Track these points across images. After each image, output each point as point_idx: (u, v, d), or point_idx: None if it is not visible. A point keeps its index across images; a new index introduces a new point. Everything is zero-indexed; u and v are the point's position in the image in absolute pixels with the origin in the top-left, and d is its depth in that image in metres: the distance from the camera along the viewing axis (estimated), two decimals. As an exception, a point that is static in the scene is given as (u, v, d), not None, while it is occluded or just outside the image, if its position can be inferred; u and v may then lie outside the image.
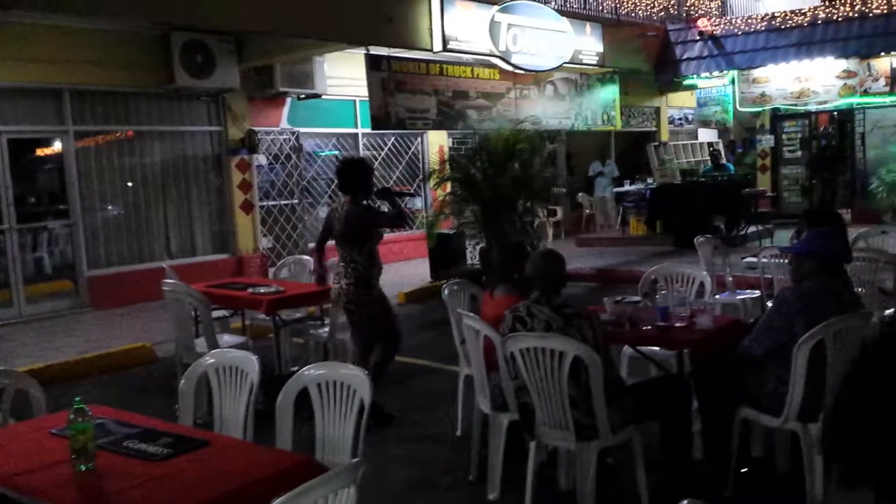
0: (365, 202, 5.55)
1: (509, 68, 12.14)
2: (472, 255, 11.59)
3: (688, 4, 15.93)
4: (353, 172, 5.55)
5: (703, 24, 15.23)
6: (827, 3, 14.19)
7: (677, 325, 4.24)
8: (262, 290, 6.13)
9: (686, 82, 15.94)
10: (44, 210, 10.65)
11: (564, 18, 12.88)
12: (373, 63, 10.80)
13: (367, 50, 10.90)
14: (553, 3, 13.20)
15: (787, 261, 4.98)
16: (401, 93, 11.07)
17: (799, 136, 17.70)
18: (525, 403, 3.68)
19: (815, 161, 17.43)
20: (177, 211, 11.81)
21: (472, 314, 4.19)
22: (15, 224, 10.01)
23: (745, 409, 3.86)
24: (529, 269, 3.82)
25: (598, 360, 3.45)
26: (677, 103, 19.89)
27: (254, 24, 10.03)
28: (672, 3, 15.92)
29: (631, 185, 15.21)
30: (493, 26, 11.63)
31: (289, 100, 12.81)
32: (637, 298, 4.85)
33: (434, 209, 11.01)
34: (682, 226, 12.33)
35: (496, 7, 11.69)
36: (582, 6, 13.86)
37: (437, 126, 12.05)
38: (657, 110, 20.09)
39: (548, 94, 13.64)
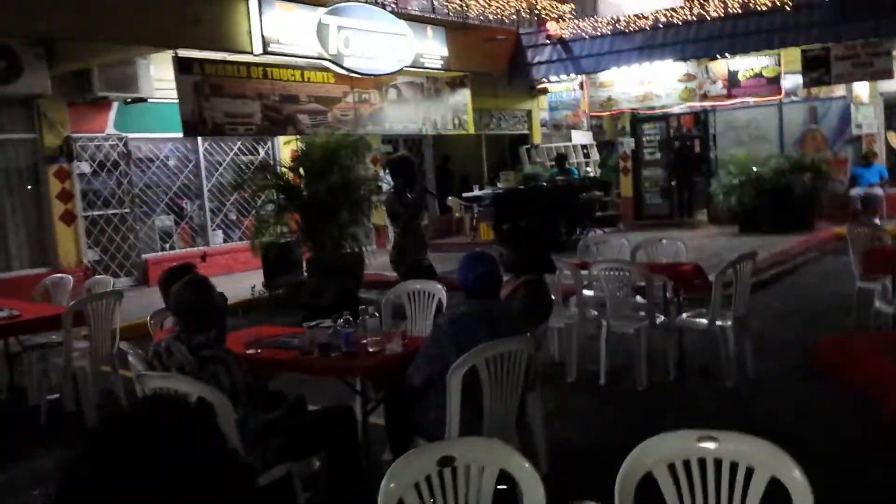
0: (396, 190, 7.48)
1: (343, 72, 11.85)
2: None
3: (539, 8, 15.98)
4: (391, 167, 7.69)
5: (552, 28, 15.30)
6: (668, 8, 14.43)
7: (371, 350, 4.04)
8: (-9, 316, 5.65)
9: (539, 87, 15.98)
10: None
11: (402, 21, 12.67)
12: (182, 66, 10.31)
13: (176, 53, 10.42)
14: (391, 7, 13.01)
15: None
16: (217, 97, 10.62)
17: (658, 138, 18.05)
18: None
19: (673, 163, 17.78)
20: (-13, 224, 11.07)
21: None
22: None
23: (417, 438, 3.67)
24: (173, 299, 3.53)
25: (228, 405, 3.18)
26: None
27: (46, 29, 9.50)
28: (524, 6, 15.95)
29: (480, 189, 15.14)
30: (322, 28, 11.31)
31: (115, 104, 12.19)
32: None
33: (253, 218, 10.60)
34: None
35: (323, 9, 11.38)
36: (428, 10, 13.73)
37: (263, 132, 11.65)
38: (529, 113, 20.21)
39: (390, 97, 13.40)
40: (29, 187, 11.48)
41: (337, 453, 3.61)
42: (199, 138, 12.95)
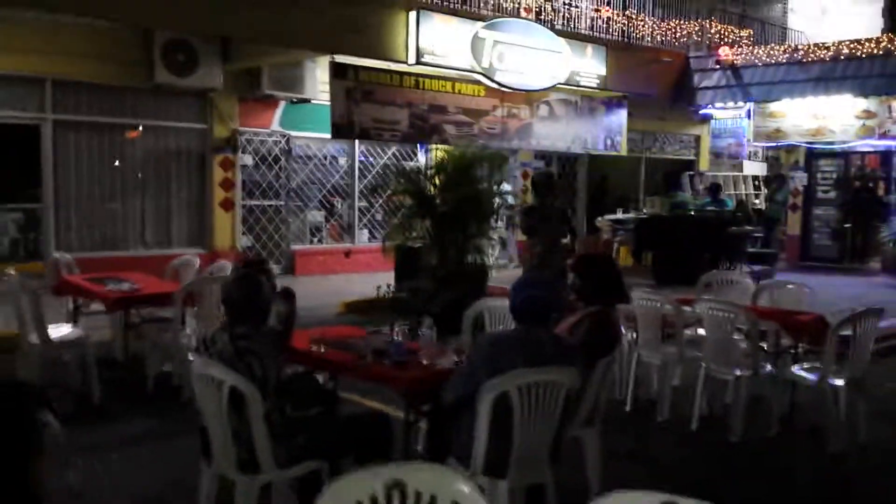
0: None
1: (493, 85, 11.94)
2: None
3: (712, 32, 15.37)
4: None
5: (723, 52, 14.66)
6: (852, 40, 13.43)
7: (424, 362, 4.05)
8: (116, 287, 6.17)
9: (702, 112, 15.34)
10: (16, 192, 11.03)
11: (560, 38, 12.59)
12: (337, 71, 10.78)
13: (332, 58, 10.90)
14: (555, 24, 12.97)
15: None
16: (367, 103, 11.00)
17: (834, 175, 16.84)
18: (205, 428, 3.56)
19: (849, 204, 16.51)
20: (155, 203, 12.08)
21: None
22: (-16, 203, 10.44)
23: (450, 459, 3.63)
24: (222, 292, 3.70)
25: (257, 395, 3.29)
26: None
27: (218, 29, 10.23)
28: (696, 29, 15.41)
29: (624, 213, 14.73)
30: (477, 42, 11.46)
31: (282, 103, 12.95)
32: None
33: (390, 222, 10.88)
34: (665, 261, 11.89)
35: (481, 23, 11.52)
36: (586, 28, 13.57)
37: (408, 139, 11.94)
38: (697, 139, 19.49)
39: (541, 114, 13.34)
40: (195, 174, 12.38)
41: (366, 459, 3.63)
42: (357, 141, 13.48)
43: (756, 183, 21.51)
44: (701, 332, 6.09)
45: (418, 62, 10.92)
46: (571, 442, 4.16)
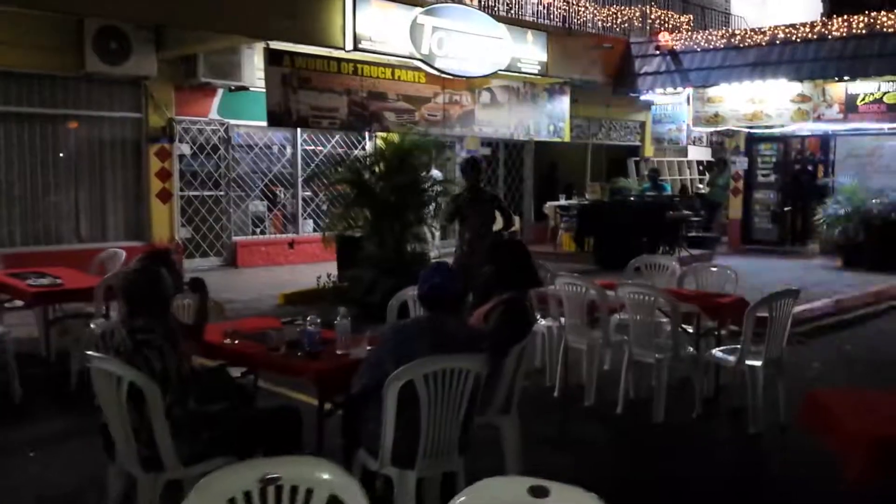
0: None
1: (433, 72, 11.90)
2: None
3: (652, 18, 15.50)
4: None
5: (663, 38, 14.80)
6: (787, 25, 13.66)
7: (339, 352, 4.03)
8: (37, 282, 6.03)
9: (643, 98, 15.49)
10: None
11: (501, 24, 12.59)
12: (273, 58, 10.64)
13: (267, 44, 10.75)
14: (496, 10, 12.97)
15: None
16: (305, 90, 10.88)
17: (774, 159, 17.13)
18: (105, 425, 3.49)
19: (788, 187, 16.83)
20: (89, 196, 11.81)
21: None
22: None
23: (360, 451, 3.62)
24: (120, 283, 3.62)
25: (156, 391, 3.24)
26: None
27: (149, 16, 10.01)
28: (637, 15, 15.53)
29: (567, 199, 14.83)
30: (416, 28, 11.39)
31: (220, 91, 12.74)
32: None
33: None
34: (606, 246, 12.01)
35: (419, 9, 11.46)
36: (530, 14, 13.60)
37: (347, 127, 11.85)
38: (642, 125, 19.68)
39: (483, 100, 13.35)
40: (130, 164, 12.13)
41: (276, 454, 3.59)
42: (299, 129, 13.32)
43: (701, 168, 21.84)
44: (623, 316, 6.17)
45: (356, 48, 10.82)
46: (489, 430, 4.19)
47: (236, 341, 4.20)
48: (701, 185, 20.43)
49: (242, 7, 10.11)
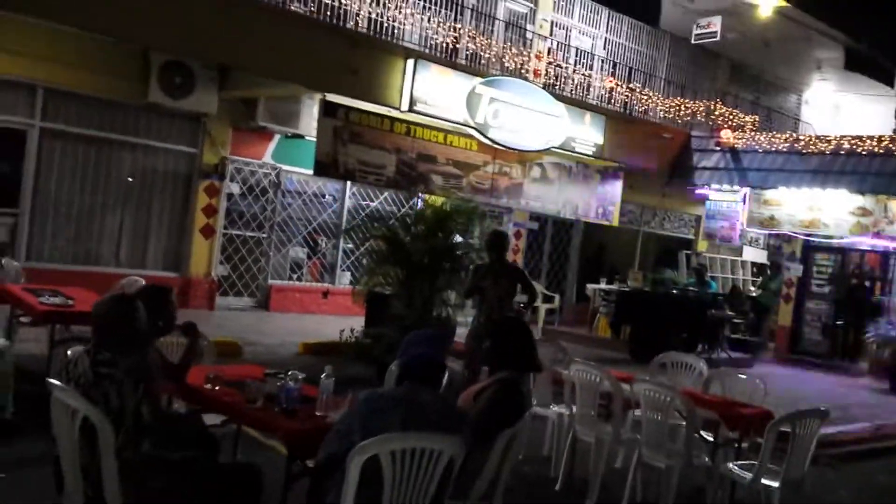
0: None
1: (486, 141, 11.87)
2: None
3: (717, 113, 15.34)
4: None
5: (725, 135, 14.59)
6: (854, 136, 13.35)
7: (318, 413, 3.82)
8: (49, 300, 5.99)
9: (698, 192, 15.22)
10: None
11: (559, 103, 12.56)
12: (328, 109, 10.75)
13: (324, 96, 10.87)
14: (556, 88, 12.99)
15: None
16: (355, 144, 10.93)
17: (830, 270, 16.58)
18: (58, 458, 3.33)
19: (843, 301, 16.20)
20: (134, 222, 11.96)
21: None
22: (-44, 203, 10.35)
23: (319, 523, 3.38)
24: (94, 309, 3.49)
25: (109, 428, 3.07)
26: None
27: (213, 54, 10.25)
28: (701, 109, 15.40)
29: (608, 283, 14.50)
30: (473, 97, 11.43)
31: (277, 136, 12.91)
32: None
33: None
34: (641, 336, 11.64)
35: (479, 79, 11.51)
36: (589, 96, 13.60)
37: (393, 185, 11.83)
38: (698, 219, 19.34)
39: (533, 174, 13.25)
40: (179, 197, 12.29)
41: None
42: (349, 182, 13.35)
43: (754, 270, 21.28)
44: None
45: (411, 110, 10.88)
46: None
47: (216, 387, 4.04)
48: (752, 288, 19.86)
49: (305, 57, 10.30)
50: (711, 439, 5.53)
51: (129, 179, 11.79)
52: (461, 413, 3.55)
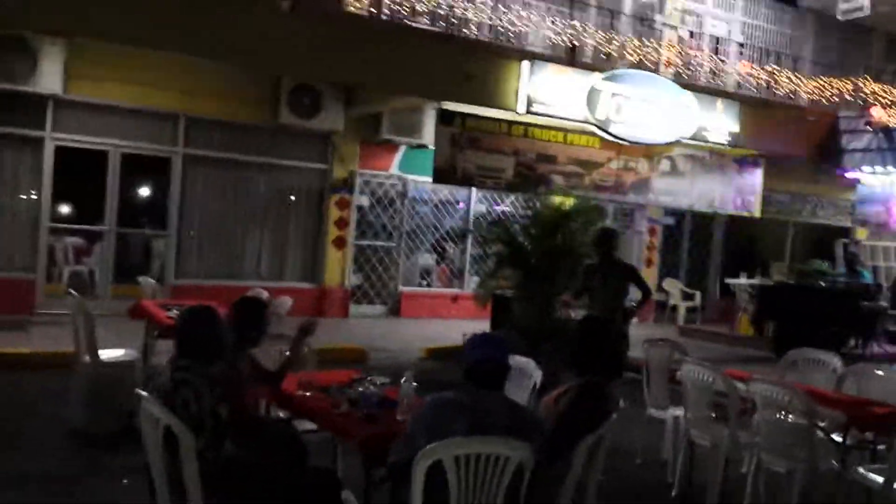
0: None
1: (609, 138, 11.56)
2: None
3: (866, 92, 14.21)
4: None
5: (876, 113, 13.48)
6: None
7: (399, 417, 3.85)
8: (175, 313, 6.37)
9: (848, 175, 14.13)
10: (142, 219, 11.84)
11: (687, 92, 12.04)
12: (444, 118, 10.85)
13: (440, 105, 10.97)
14: (684, 77, 12.46)
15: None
16: (473, 149, 10.97)
17: None
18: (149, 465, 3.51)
19: None
20: (272, 238, 12.58)
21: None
22: (112, 227, 11.24)
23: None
24: (176, 321, 3.67)
25: (187, 433, 3.22)
26: None
27: (337, 76, 10.59)
28: (850, 88, 14.31)
29: (749, 277, 13.70)
30: (593, 94, 11.17)
31: (402, 147, 13.19)
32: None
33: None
34: (786, 333, 10.95)
35: (597, 74, 11.25)
36: (722, 82, 12.96)
37: (513, 188, 11.72)
38: (854, 205, 18.01)
39: (662, 168, 12.75)
40: (312, 211, 12.79)
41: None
42: (474, 188, 13.42)
43: (848, 250, 19.51)
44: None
45: (528, 111, 10.78)
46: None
47: (308, 393, 4.15)
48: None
49: (423, 69, 10.41)
50: (837, 441, 5.09)
51: (292, 198, 12.41)
52: (535, 418, 3.46)
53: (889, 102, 14.21)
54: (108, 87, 10.77)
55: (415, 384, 4.02)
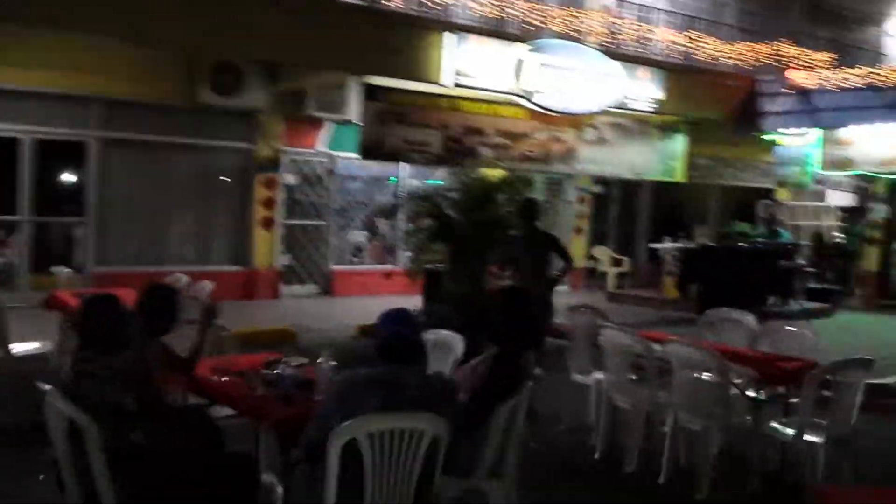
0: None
1: (535, 108, 11.61)
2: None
3: (784, 55, 14.55)
4: None
5: (793, 77, 13.84)
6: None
7: (318, 398, 3.82)
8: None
9: (766, 137, 14.51)
10: (60, 206, 11.45)
11: (613, 61, 12.14)
12: (370, 93, 10.73)
13: (365, 79, 10.86)
14: (609, 46, 12.55)
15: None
16: (400, 124, 10.90)
17: (920, 208, 15.70)
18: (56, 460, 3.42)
19: (936, 239, 15.30)
20: (196, 220, 12.32)
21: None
22: (28, 216, 10.86)
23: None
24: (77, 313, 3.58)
25: (91, 425, 3.13)
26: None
27: (256, 53, 10.35)
28: (768, 52, 14.63)
29: (673, 241, 14.03)
30: (519, 65, 11.16)
31: (329, 124, 13.01)
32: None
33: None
34: (709, 294, 11.25)
35: (523, 45, 11.25)
36: (644, 50, 13.11)
37: (441, 161, 11.69)
38: (774, 166, 18.49)
39: (588, 137, 12.88)
40: (237, 192, 12.55)
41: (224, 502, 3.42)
42: (402, 163, 13.34)
43: (841, 214, 20.26)
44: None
45: (456, 85, 10.74)
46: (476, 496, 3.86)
47: (224, 378, 4.09)
48: (838, 234, 18.93)
49: (346, 43, 10.22)
50: (752, 397, 5.27)
51: (225, 179, 12.20)
52: (449, 388, 3.48)
53: (807, 66, 14.60)
54: (16, 72, 10.31)
55: (333, 363, 4.00)
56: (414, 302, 10.29)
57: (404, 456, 3.15)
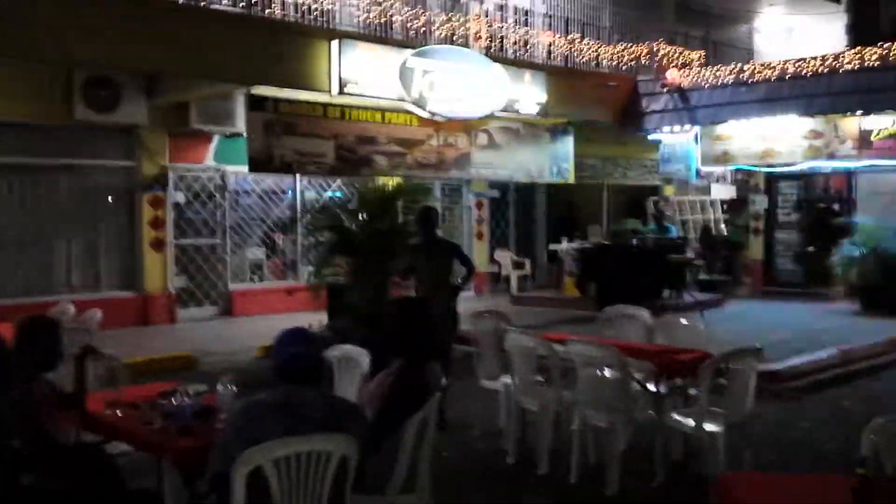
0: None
1: (425, 115, 11.64)
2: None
3: (660, 55, 15.12)
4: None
5: (670, 75, 14.39)
6: (797, 59, 13.20)
7: (219, 427, 3.66)
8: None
9: (651, 137, 15.05)
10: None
11: (496, 65, 12.30)
12: (255, 104, 10.51)
13: (248, 90, 10.63)
14: (492, 50, 12.73)
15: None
16: (289, 135, 10.70)
17: (795, 198, 16.57)
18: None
19: (811, 226, 16.16)
20: (80, 246, 11.73)
21: None
22: None
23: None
24: None
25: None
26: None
27: (132, 64, 9.95)
28: (645, 53, 15.17)
29: (569, 242, 14.37)
30: (406, 71, 11.17)
31: (216, 137, 12.64)
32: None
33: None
34: (606, 291, 11.55)
35: (409, 51, 11.25)
36: (528, 55, 13.36)
37: (336, 172, 11.61)
38: (658, 164, 19.15)
39: (480, 142, 13.02)
40: (122, 213, 12.03)
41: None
42: (299, 175, 13.12)
43: (724, 207, 21.20)
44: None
45: (341, 93, 10.63)
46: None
47: (117, 412, 3.88)
48: (723, 226, 19.80)
49: (227, 52, 9.98)
50: (652, 391, 5.41)
51: (110, 200, 11.74)
52: (352, 406, 3.41)
53: (682, 64, 15.21)
54: None
55: (234, 388, 3.86)
56: (318, 318, 10.15)
57: (312, 479, 3.06)
